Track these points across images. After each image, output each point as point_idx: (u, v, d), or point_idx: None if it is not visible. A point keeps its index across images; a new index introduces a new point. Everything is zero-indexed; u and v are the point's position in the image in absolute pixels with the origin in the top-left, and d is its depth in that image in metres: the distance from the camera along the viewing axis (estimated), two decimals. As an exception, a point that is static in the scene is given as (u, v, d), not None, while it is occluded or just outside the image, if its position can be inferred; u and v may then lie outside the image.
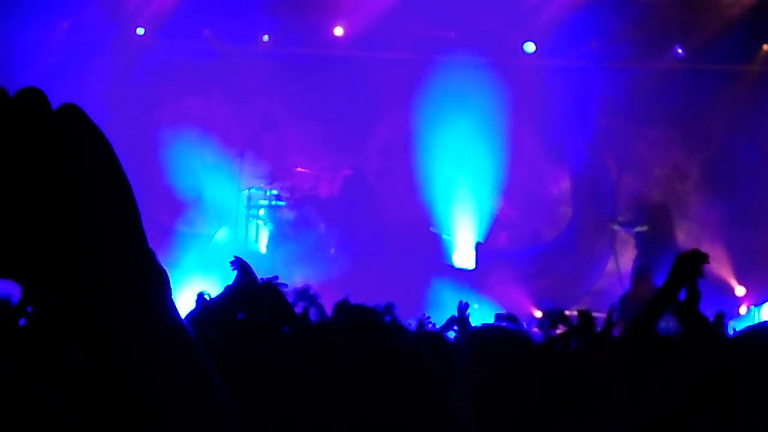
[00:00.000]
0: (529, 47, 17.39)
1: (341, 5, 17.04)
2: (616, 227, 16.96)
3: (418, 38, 17.15)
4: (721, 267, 15.97)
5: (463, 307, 7.62)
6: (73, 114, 1.12)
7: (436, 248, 17.19)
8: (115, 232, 1.17)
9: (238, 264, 5.02)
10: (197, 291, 8.38)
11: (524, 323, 5.38)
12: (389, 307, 6.44)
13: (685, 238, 16.73)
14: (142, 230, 1.22)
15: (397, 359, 2.60)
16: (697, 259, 4.41)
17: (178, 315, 1.27)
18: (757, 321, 15.20)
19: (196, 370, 1.24)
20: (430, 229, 17.27)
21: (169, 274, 1.29)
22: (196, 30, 17.25)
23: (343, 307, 5.78)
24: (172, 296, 1.27)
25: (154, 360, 1.18)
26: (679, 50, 17.08)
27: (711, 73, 17.00)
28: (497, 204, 17.48)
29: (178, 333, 1.23)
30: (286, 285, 4.93)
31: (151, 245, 1.23)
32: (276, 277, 5.01)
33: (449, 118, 16.83)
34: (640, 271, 15.20)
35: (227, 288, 4.84)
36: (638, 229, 16.31)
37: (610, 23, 16.40)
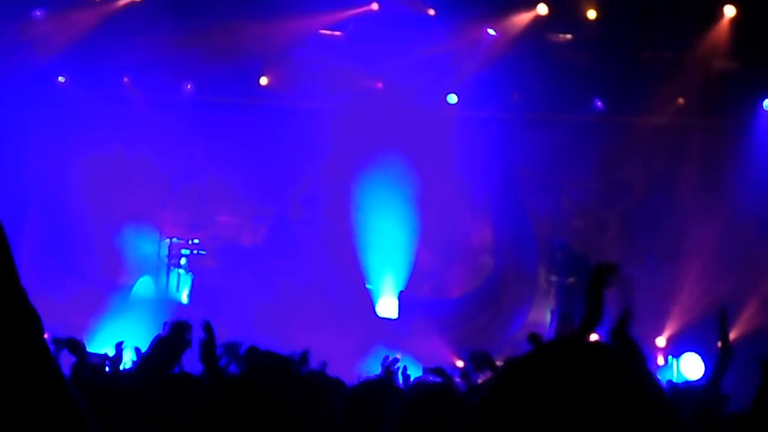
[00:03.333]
0: (452, 98, 17.54)
1: (266, 55, 17.01)
2: (553, 279, 16.92)
3: (344, 88, 17.17)
4: (641, 316, 16.10)
5: (387, 364, 7.52)
6: None
7: (360, 298, 17.15)
8: None
9: (205, 327, 4.81)
10: (117, 341, 8.22)
11: (452, 375, 5.36)
12: (304, 356, 6.32)
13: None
14: (14, 269, 1.20)
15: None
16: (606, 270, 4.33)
17: (49, 354, 1.26)
18: (675, 371, 15.38)
19: (65, 405, 1.23)
20: (365, 285, 17.25)
21: (39, 315, 1.27)
22: (116, 77, 17.05)
23: (252, 353, 5.59)
24: (42, 336, 1.26)
25: (22, 397, 1.18)
26: (599, 103, 17.34)
27: (629, 126, 17.27)
28: (419, 253, 17.51)
29: (47, 371, 1.23)
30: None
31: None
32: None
33: (372, 167, 16.88)
34: (564, 320, 15.29)
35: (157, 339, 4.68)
36: (571, 280, 16.30)
37: (532, 75, 16.59)
